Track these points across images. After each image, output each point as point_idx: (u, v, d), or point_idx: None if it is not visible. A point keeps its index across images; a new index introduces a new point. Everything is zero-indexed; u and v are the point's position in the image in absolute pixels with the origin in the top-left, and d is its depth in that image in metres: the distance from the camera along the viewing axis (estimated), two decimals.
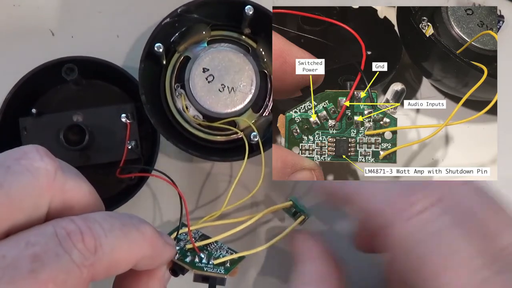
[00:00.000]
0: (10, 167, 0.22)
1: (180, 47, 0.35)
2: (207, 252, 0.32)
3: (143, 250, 0.25)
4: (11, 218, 0.21)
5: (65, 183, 0.24)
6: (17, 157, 0.23)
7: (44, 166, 0.23)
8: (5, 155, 0.23)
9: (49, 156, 0.23)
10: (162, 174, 0.30)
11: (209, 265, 0.31)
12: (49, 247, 0.21)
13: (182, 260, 0.30)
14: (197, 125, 0.35)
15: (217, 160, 0.34)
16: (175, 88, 0.35)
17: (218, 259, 0.31)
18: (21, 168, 0.22)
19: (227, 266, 0.31)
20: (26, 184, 0.22)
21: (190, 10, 0.34)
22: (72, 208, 0.24)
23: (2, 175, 0.22)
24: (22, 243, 0.21)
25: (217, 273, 0.30)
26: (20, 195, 0.22)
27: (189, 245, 0.31)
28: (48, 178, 0.23)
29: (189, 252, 0.31)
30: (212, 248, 0.32)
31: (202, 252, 0.31)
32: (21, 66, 0.35)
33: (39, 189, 0.22)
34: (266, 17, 0.34)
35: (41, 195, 0.23)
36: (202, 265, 0.31)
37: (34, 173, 0.22)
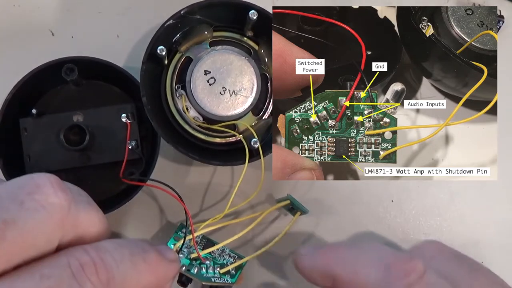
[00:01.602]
0: (24, 203, 0.22)
1: (182, 47, 0.35)
2: (212, 258, 0.32)
3: (151, 278, 0.25)
4: (23, 254, 0.21)
5: (78, 215, 0.24)
6: (30, 191, 0.22)
7: (59, 202, 0.22)
8: (17, 188, 0.22)
9: (62, 190, 0.23)
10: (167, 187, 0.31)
11: (216, 275, 0.31)
12: (63, 280, 0.21)
13: (189, 271, 0.31)
14: (197, 126, 0.35)
15: (216, 164, 0.34)
16: (176, 88, 0.35)
17: (224, 268, 0.31)
18: (35, 204, 0.22)
19: (233, 273, 0.32)
20: (40, 222, 0.22)
21: (193, 11, 0.34)
22: (83, 237, 0.24)
23: (16, 211, 0.21)
24: (36, 276, 0.21)
25: (224, 282, 0.31)
26: (34, 233, 0.21)
27: (193, 254, 0.31)
28: (62, 214, 0.22)
29: (194, 261, 0.31)
30: (216, 254, 0.32)
31: (207, 259, 0.32)
32: (21, 67, 0.35)
33: (53, 225, 0.22)
34: (269, 21, 0.34)
35: (54, 231, 0.22)
36: (209, 275, 0.31)
37: (49, 210, 0.22)
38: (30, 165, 0.35)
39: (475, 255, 0.39)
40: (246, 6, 0.34)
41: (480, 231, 0.40)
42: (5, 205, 0.21)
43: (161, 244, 0.37)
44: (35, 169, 0.35)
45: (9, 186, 0.22)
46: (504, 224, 0.40)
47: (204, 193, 0.39)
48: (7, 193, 0.22)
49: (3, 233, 0.20)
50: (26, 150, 0.35)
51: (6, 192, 0.22)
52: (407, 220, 0.40)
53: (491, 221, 0.40)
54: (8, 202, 0.21)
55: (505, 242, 0.40)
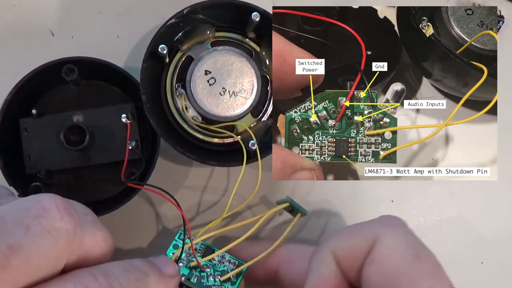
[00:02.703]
0: (30, 228, 0.21)
1: (183, 46, 0.35)
2: (212, 265, 0.32)
3: None
4: (28, 279, 0.21)
5: (83, 239, 0.24)
6: (36, 214, 0.22)
7: (65, 227, 0.22)
8: (23, 211, 0.22)
9: (69, 213, 0.23)
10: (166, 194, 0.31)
11: (216, 283, 0.31)
12: None
13: (189, 280, 0.31)
14: (195, 126, 0.35)
15: (214, 164, 0.34)
16: (176, 87, 0.35)
17: (224, 276, 0.31)
18: (41, 229, 0.21)
19: (233, 280, 0.32)
20: (46, 248, 0.21)
21: (196, 11, 0.34)
22: (87, 258, 0.24)
23: (22, 236, 0.21)
24: None
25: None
26: (39, 259, 0.21)
27: (193, 262, 0.31)
28: (68, 239, 0.22)
29: (194, 269, 0.31)
30: (216, 261, 0.32)
31: (207, 266, 0.32)
32: (21, 67, 0.35)
33: (59, 251, 0.22)
34: (271, 23, 0.34)
35: (60, 256, 0.22)
36: (210, 283, 0.31)
37: (54, 235, 0.22)
38: (30, 165, 0.35)
39: (475, 255, 0.40)
40: (249, 7, 0.34)
41: (480, 231, 0.40)
42: (10, 230, 0.21)
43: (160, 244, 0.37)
44: (35, 169, 0.35)
45: (14, 208, 0.22)
46: (504, 224, 0.40)
47: (203, 194, 0.39)
48: (12, 216, 0.22)
49: (8, 258, 0.20)
50: (26, 150, 0.35)
51: (11, 214, 0.22)
52: (407, 220, 0.40)
53: (491, 221, 0.40)
54: (14, 226, 0.21)
55: (505, 242, 0.40)
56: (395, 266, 0.26)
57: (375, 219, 0.29)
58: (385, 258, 0.26)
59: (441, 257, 0.27)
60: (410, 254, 0.26)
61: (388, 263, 0.26)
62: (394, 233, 0.27)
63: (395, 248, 0.26)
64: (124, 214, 0.35)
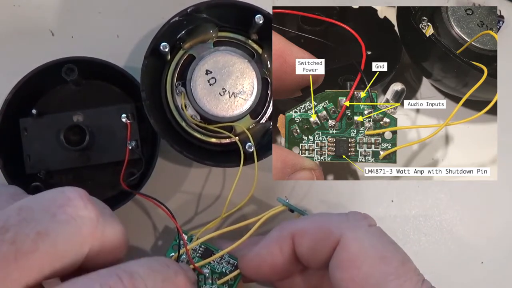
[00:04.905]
0: (56, 215, 0.22)
1: (185, 45, 0.35)
2: (210, 267, 0.32)
3: None
4: (54, 265, 0.22)
5: (105, 229, 0.24)
6: (61, 203, 0.23)
7: (88, 215, 0.23)
8: (48, 200, 0.23)
9: (92, 203, 0.24)
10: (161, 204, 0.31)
11: (214, 286, 0.31)
12: None
13: None
14: (193, 125, 0.35)
15: (211, 165, 0.34)
16: (176, 85, 0.35)
17: (222, 279, 0.32)
18: (66, 217, 0.23)
19: (231, 283, 0.32)
20: (71, 234, 0.23)
21: (199, 10, 0.34)
22: (107, 249, 0.25)
23: (49, 223, 0.22)
24: None
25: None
26: (65, 245, 0.22)
27: (190, 265, 0.31)
28: (91, 227, 0.23)
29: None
30: (214, 262, 0.32)
31: (205, 267, 0.32)
32: (21, 66, 0.35)
33: (83, 238, 0.23)
34: (271, 23, 0.34)
35: (84, 243, 0.23)
36: (207, 287, 0.32)
37: (79, 223, 0.23)
38: (30, 165, 0.35)
39: (475, 255, 0.40)
40: (253, 9, 0.34)
41: (480, 231, 0.40)
42: (38, 217, 0.22)
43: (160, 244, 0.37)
44: (35, 169, 0.35)
45: (40, 198, 0.23)
46: (504, 224, 0.40)
47: (201, 195, 0.39)
48: (39, 205, 0.23)
49: (36, 244, 0.21)
50: (26, 150, 0.35)
51: (39, 204, 0.23)
52: (407, 220, 0.40)
53: (491, 221, 0.40)
54: (41, 214, 0.22)
55: (505, 242, 0.40)
56: (362, 271, 0.26)
57: (342, 216, 0.30)
58: (351, 263, 0.27)
59: (441, 257, 0.27)
60: (375, 257, 0.27)
61: (355, 268, 0.27)
62: (360, 235, 0.28)
63: (360, 252, 0.27)
64: (124, 214, 0.35)
